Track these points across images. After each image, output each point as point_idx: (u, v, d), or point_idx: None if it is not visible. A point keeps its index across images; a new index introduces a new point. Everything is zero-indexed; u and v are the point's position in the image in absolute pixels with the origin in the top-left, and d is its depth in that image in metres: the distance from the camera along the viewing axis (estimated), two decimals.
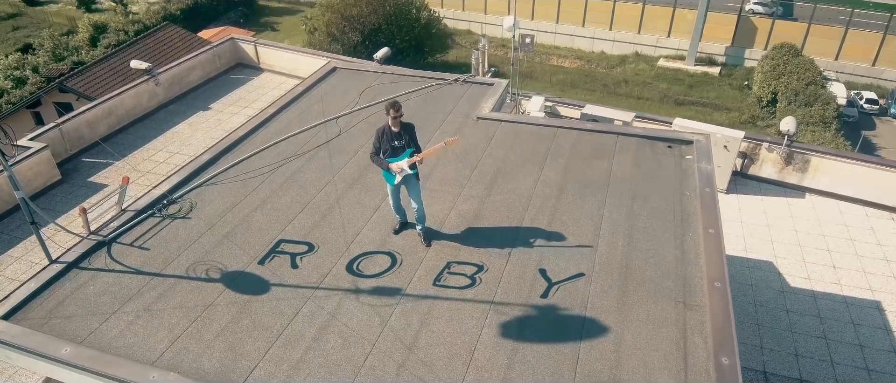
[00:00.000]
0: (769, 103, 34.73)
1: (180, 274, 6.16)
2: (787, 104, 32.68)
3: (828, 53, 38.75)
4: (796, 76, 33.91)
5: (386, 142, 6.01)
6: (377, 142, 6.06)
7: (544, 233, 6.55)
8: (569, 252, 6.24)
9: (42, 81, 28.62)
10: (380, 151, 6.10)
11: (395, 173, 6.11)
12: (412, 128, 6.19)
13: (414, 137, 6.19)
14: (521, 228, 6.65)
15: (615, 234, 6.48)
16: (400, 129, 6.03)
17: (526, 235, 6.52)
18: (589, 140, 8.34)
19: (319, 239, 6.56)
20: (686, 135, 8.26)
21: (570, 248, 6.29)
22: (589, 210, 6.89)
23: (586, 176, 7.54)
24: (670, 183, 7.35)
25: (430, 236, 6.52)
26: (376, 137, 6.07)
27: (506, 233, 6.58)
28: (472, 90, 9.96)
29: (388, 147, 6.03)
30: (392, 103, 5.90)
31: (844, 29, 38.48)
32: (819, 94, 32.45)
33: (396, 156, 6.08)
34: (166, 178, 7.89)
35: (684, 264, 6.05)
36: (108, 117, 14.69)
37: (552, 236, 6.50)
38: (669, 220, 6.68)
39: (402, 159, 6.10)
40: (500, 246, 6.36)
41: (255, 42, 18.21)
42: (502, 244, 6.39)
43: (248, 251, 6.39)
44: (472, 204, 7.10)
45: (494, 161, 7.96)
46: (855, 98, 36.13)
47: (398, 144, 6.04)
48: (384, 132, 6.02)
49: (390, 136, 6.01)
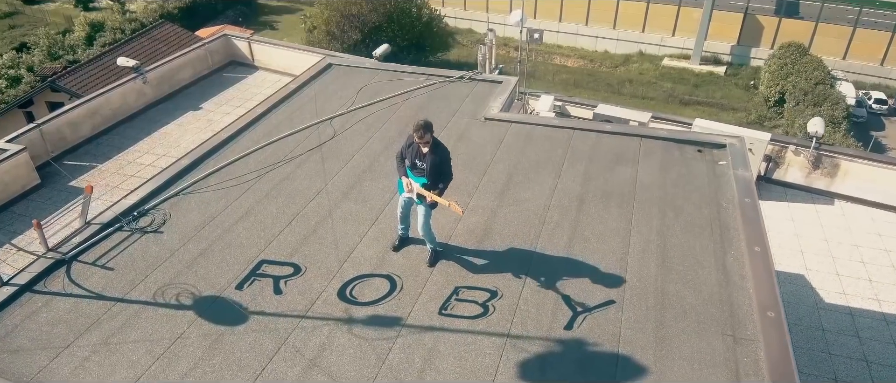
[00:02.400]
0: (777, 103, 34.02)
1: (147, 299, 5.33)
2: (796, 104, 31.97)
3: (835, 53, 38.06)
4: (804, 76, 33.21)
5: (410, 155, 5.32)
6: (405, 149, 5.37)
7: (565, 250, 5.74)
8: (595, 274, 5.42)
9: (37, 80, 28.10)
10: (404, 159, 5.40)
11: (404, 188, 5.37)
12: (441, 162, 5.21)
13: (439, 169, 5.23)
14: (538, 245, 5.83)
15: (646, 253, 5.66)
16: (428, 152, 5.22)
17: (544, 254, 5.70)
18: (609, 143, 7.52)
19: (308, 257, 5.74)
20: (718, 138, 7.45)
21: (596, 270, 5.47)
22: (614, 224, 6.07)
23: (609, 184, 6.72)
24: (704, 192, 6.54)
25: (438, 256, 5.73)
26: (405, 143, 5.38)
27: (521, 250, 5.76)
28: (478, 88, 9.15)
29: (412, 161, 5.33)
30: (421, 124, 5.05)
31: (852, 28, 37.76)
32: (828, 94, 31.76)
33: (417, 177, 5.35)
34: (140, 186, 7.08)
35: (729, 289, 5.24)
36: (93, 117, 13.87)
37: (574, 255, 5.68)
38: (707, 236, 5.87)
39: (420, 181, 5.32)
40: (515, 266, 5.54)
41: (249, 39, 17.40)
42: (517, 264, 5.57)
43: (226, 272, 5.57)
44: (481, 216, 6.28)
45: (505, 167, 7.15)
46: (863, 98, 35.45)
47: (420, 166, 5.29)
48: (409, 146, 5.32)
49: (415, 153, 5.29)
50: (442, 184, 5.28)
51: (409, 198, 5.44)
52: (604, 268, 5.48)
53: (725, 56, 39.54)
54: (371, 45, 28.54)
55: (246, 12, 46.61)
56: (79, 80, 20.82)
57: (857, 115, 33.49)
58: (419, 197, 5.32)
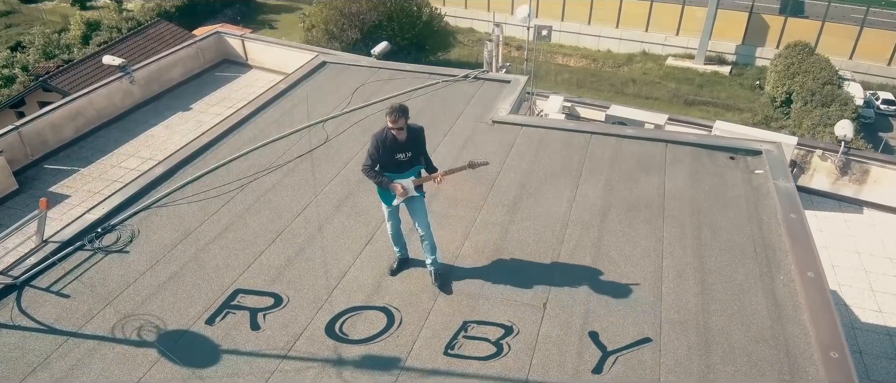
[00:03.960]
0: (783, 103, 33.36)
1: (104, 334, 4.58)
2: (803, 104, 31.30)
3: (842, 52, 37.42)
4: (812, 76, 32.55)
5: (386, 153, 4.52)
6: (375, 152, 4.54)
7: (588, 275, 4.99)
8: (624, 304, 4.68)
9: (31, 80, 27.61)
10: (377, 164, 4.58)
11: (395, 193, 4.60)
12: (421, 135, 4.65)
13: (423, 148, 4.69)
14: (558, 268, 5.08)
15: (683, 278, 4.92)
16: (405, 138, 4.51)
17: (564, 278, 4.96)
18: (631, 149, 6.78)
19: (292, 282, 4.99)
20: (752, 143, 6.71)
21: (626, 298, 4.73)
22: (643, 242, 5.33)
23: (634, 195, 5.98)
24: (742, 206, 5.80)
25: (444, 276, 4.99)
26: (373, 145, 4.54)
27: (537, 274, 5.01)
28: (484, 88, 8.40)
29: (390, 159, 4.54)
30: (396, 107, 4.41)
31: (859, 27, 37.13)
32: (836, 95, 31.09)
33: (401, 173, 4.61)
34: (108, 197, 6.33)
35: (782, 323, 4.50)
36: (76, 119, 13.14)
37: (599, 280, 4.94)
38: (750, 258, 5.13)
39: (408, 176, 4.61)
40: (532, 295, 4.80)
41: (243, 37, 16.67)
42: (534, 292, 4.83)
43: (197, 301, 4.82)
44: (491, 233, 5.54)
45: (517, 176, 6.40)
46: (871, 98, 34.82)
47: (403, 157, 4.56)
48: (385, 140, 4.50)
49: (393, 147, 4.51)
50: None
51: (397, 211, 4.78)
52: (635, 296, 4.73)
53: (730, 56, 38.90)
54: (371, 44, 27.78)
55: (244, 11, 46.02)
56: (71, 79, 20.27)
57: (864, 116, 32.85)
58: (419, 188, 4.69)
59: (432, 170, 4.74)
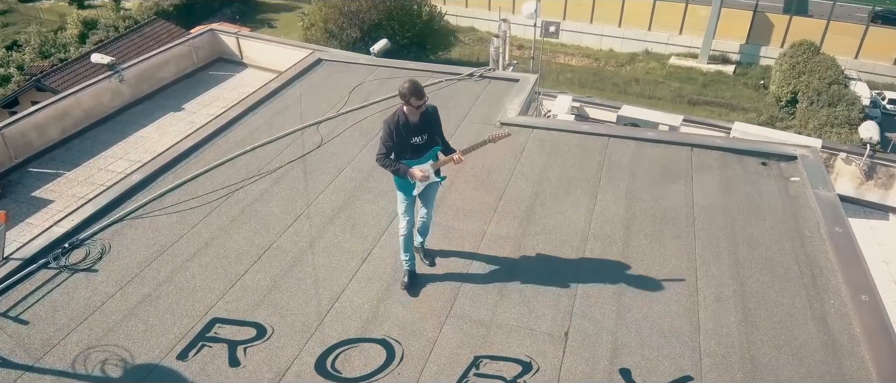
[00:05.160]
0: (789, 103, 32.87)
1: (64, 367, 4.01)
2: (809, 104, 30.82)
3: (847, 51, 36.91)
4: (817, 75, 32.05)
5: (401, 138, 4.14)
6: (388, 139, 4.14)
7: (614, 298, 4.42)
8: (657, 334, 4.11)
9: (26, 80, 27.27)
10: (392, 151, 4.18)
11: (416, 180, 4.19)
12: (435, 115, 4.26)
13: (439, 129, 4.31)
14: (579, 290, 4.51)
15: (722, 302, 4.35)
16: (420, 120, 4.14)
17: (587, 303, 4.38)
18: (653, 153, 6.21)
19: (279, 306, 4.41)
20: (785, 148, 6.14)
21: (659, 327, 4.16)
22: (674, 261, 4.76)
23: (660, 206, 5.41)
24: (779, 218, 5.23)
25: (431, 254, 4.89)
26: (386, 132, 4.15)
27: (556, 297, 4.44)
28: (491, 87, 7.82)
29: (406, 146, 4.18)
30: (411, 88, 3.98)
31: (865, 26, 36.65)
32: (843, 95, 30.60)
33: (418, 158, 4.26)
34: (79, 207, 5.75)
35: (837, 356, 3.93)
36: (62, 120, 12.54)
37: (627, 305, 4.36)
38: (795, 279, 4.56)
39: (425, 161, 4.27)
40: (551, 321, 4.23)
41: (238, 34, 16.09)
42: (553, 318, 4.26)
43: (170, 329, 4.24)
44: (502, 249, 4.97)
45: (529, 184, 5.83)
46: (877, 98, 34.33)
47: (419, 141, 4.21)
48: (397, 124, 4.12)
49: (407, 130, 4.13)
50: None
51: (412, 207, 4.41)
52: (669, 325, 4.16)
53: (734, 55, 38.39)
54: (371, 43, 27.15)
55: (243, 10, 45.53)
56: (64, 78, 19.86)
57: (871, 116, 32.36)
58: (438, 174, 4.35)
59: (450, 152, 4.34)
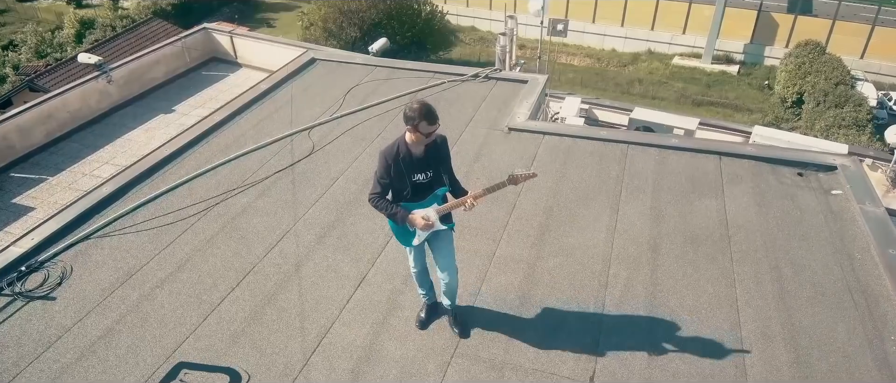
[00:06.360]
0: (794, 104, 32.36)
1: None
2: (816, 105, 30.30)
3: (853, 51, 36.43)
4: (823, 75, 31.55)
5: (402, 173, 3.32)
6: (385, 175, 3.33)
7: (644, 333, 3.85)
8: (697, 379, 3.53)
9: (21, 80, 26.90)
10: (388, 190, 3.40)
11: (416, 229, 3.42)
12: (444, 148, 3.44)
13: (448, 164, 3.48)
14: (604, 323, 3.93)
15: (769, 339, 3.77)
16: (425, 152, 3.32)
17: (614, 338, 3.81)
18: (678, 163, 5.63)
19: (258, 344, 3.84)
20: (824, 157, 5.57)
21: (699, 366, 3.59)
22: (711, 287, 4.19)
23: (689, 223, 4.84)
24: (824, 237, 4.66)
25: (465, 322, 3.93)
26: (382, 166, 3.32)
27: (577, 332, 3.87)
28: (497, 89, 7.25)
29: (406, 184, 3.34)
30: (423, 111, 3.15)
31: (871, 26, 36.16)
32: (850, 95, 30.09)
33: (420, 200, 3.41)
34: (41, 224, 5.17)
35: None
36: (47, 122, 11.96)
37: (660, 341, 3.79)
38: (849, 309, 3.99)
39: (429, 204, 3.42)
40: (573, 363, 3.65)
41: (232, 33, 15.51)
42: (576, 359, 3.68)
43: (131, 372, 3.66)
44: (514, 273, 4.39)
45: (541, 197, 5.26)
46: (884, 99, 33.84)
47: (422, 179, 3.36)
48: (397, 157, 3.30)
49: (410, 165, 3.31)
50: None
51: (421, 250, 3.62)
52: (711, 367, 3.58)
53: (738, 55, 37.93)
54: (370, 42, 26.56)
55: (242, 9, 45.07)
56: (58, 78, 19.42)
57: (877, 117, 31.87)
58: (447, 218, 3.50)
59: (460, 192, 3.50)
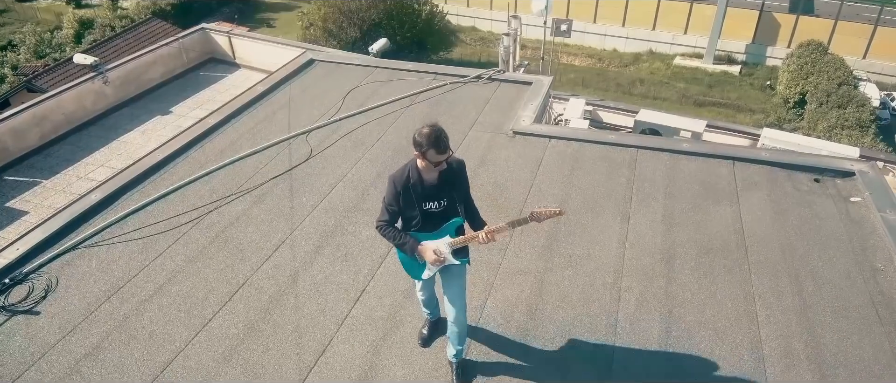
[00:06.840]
0: (797, 104, 32.22)
1: None
2: (819, 106, 30.16)
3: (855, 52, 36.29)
4: (826, 76, 31.41)
5: (411, 201, 3.05)
6: (394, 202, 3.08)
7: (662, 354, 3.64)
8: None
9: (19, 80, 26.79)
10: (397, 217, 3.15)
11: (426, 262, 3.15)
12: (461, 174, 3.14)
13: (465, 191, 3.18)
14: (618, 340, 3.72)
15: (792, 357, 3.56)
16: (438, 179, 3.05)
17: (629, 358, 3.60)
18: (690, 168, 5.43)
19: (251, 362, 3.63)
20: (841, 162, 5.36)
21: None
22: (729, 302, 3.98)
23: (704, 233, 4.62)
24: (845, 247, 4.45)
25: (467, 372, 3.57)
26: (391, 193, 3.08)
27: (590, 350, 3.66)
28: (501, 91, 7.03)
29: (416, 211, 3.08)
30: (431, 137, 2.86)
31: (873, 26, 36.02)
32: (853, 96, 29.95)
33: (431, 231, 3.13)
34: (27, 233, 4.96)
35: None
36: (41, 124, 11.75)
37: (678, 361, 3.58)
38: (874, 325, 3.78)
39: (442, 235, 3.14)
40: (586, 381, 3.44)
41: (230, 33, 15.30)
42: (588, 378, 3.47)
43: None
44: (521, 286, 4.18)
45: (548, 204, 5.04)
46: (886, 99, 33.71)
47: (435, 207, 3.08)
48: (407, 183, 3.04)
49: (421, 193, 3.05)
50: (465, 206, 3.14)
51: (431, 282, 3.36)
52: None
53: (740, 55, 37.80)
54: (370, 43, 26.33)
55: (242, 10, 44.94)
56: (56, 79, 19.34)
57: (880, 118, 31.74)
58: (462, 252, 3.18)
59: (479, 223, 3.18)
